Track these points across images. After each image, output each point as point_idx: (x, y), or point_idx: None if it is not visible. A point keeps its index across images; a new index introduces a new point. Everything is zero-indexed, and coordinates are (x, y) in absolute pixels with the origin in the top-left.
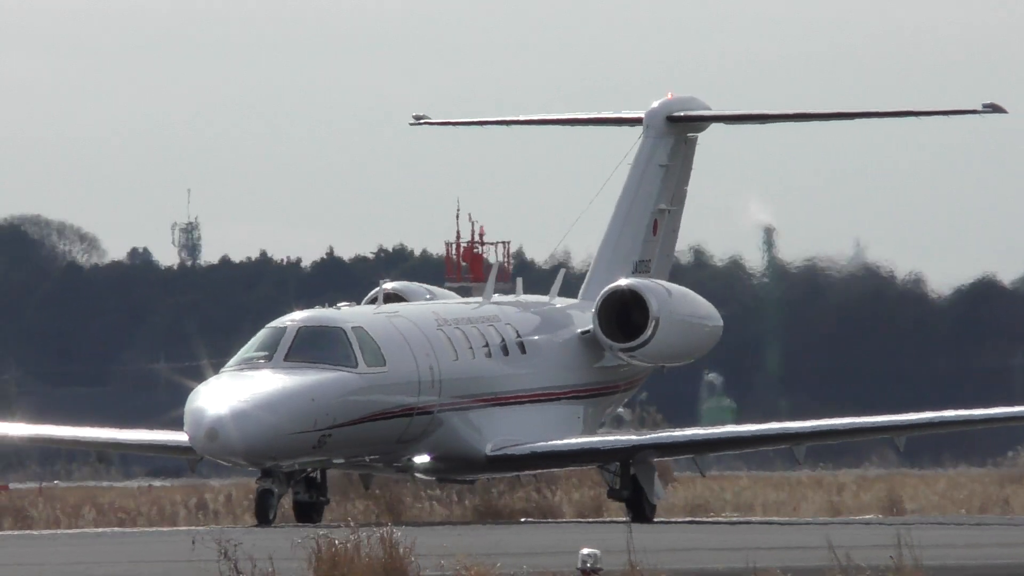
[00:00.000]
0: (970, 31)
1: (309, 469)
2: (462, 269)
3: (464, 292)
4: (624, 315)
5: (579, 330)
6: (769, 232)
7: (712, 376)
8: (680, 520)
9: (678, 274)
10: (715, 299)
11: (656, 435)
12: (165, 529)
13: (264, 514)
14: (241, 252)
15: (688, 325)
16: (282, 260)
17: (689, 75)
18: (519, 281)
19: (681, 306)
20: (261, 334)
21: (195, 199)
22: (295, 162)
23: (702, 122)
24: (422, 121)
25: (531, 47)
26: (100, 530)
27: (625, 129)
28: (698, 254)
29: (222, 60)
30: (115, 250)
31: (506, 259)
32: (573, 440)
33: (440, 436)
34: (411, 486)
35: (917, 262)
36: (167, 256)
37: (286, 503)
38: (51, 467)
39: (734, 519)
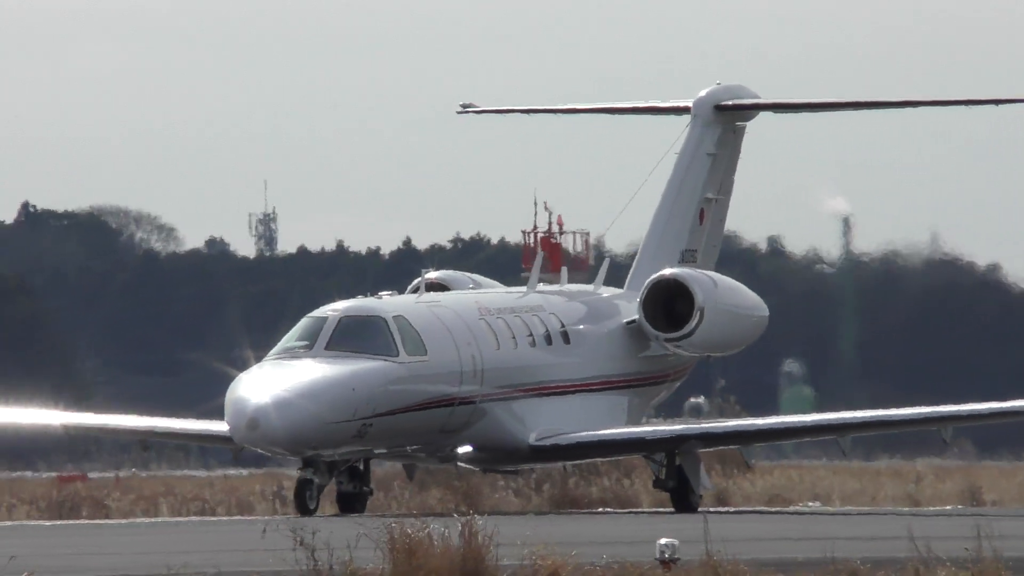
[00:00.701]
0: None
1: (352, 459)
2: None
3: (542, 282)
4: (669, 305)
5: (624, 320)
6: (846, 222)
7: (791, 365)
8: (758, 509)
9: (753, 263)
10: (791, 289)
11: (701, 425)
12: (242, 518)
13: (304, 504)
14: (318, 242)
15: (733, 315)
16: (359, 250)
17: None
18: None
19: (726, 296)
20: (302, 323)
21: (272, 190)
22: (370, 153)
23: (750, 111)
24: (469, 109)
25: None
26: (177, 519)
27: (672, 118)
28: (774, 243)
29: (294, 53)
30: (192, 240)
31: (585, 249)
32: (618, 430)
33: (483, 426)
34: (488, 476)
35: (995, 252)
36: (244, 246)
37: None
38: (127, 456)
39: (813, 508)
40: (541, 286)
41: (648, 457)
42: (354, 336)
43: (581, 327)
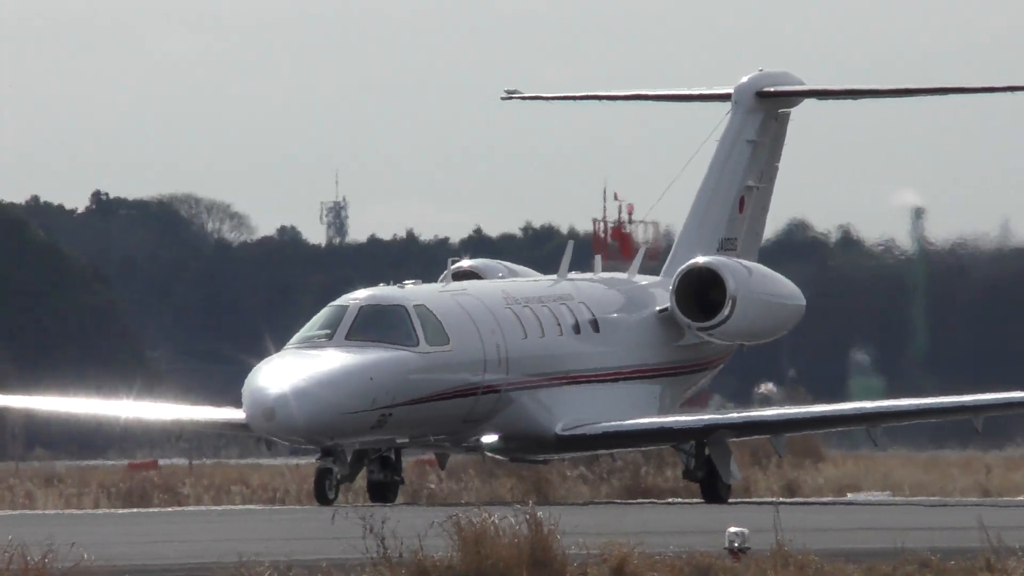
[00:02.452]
0: None
1: (383, 448)
2: (610, 247)
3: (612, 270)
4: (703, 293)
5: (657, 308)
6: (916, 211)
7: (859, 355)
8: (828, 500)
9: (826, 255)
10: (863, 279)
11: (730, 415)
12: (312, 507)
13: (323, 493)
14: (388, 231)
15: (767, 304)
16: (429, 239)
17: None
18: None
19: (760, 284)
20: (323, 312)
21: (342, 179)
22: (441, 141)
23: (793, 97)
24: (514, 95)
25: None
26: (248, 507)
27: (714, 105)
28: (845, 234)
29: (365, 43)
30: (264, 228)
31: (656, 238)
32: (646, 419)
33: (508, 415)
34: (557, 465)
35: None
36: (315, 234)
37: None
38: (198, 444)
39: (882, 499)
40: (572, 274)
41: (677, 447)
42: (374, 325)
43: (611, 316)
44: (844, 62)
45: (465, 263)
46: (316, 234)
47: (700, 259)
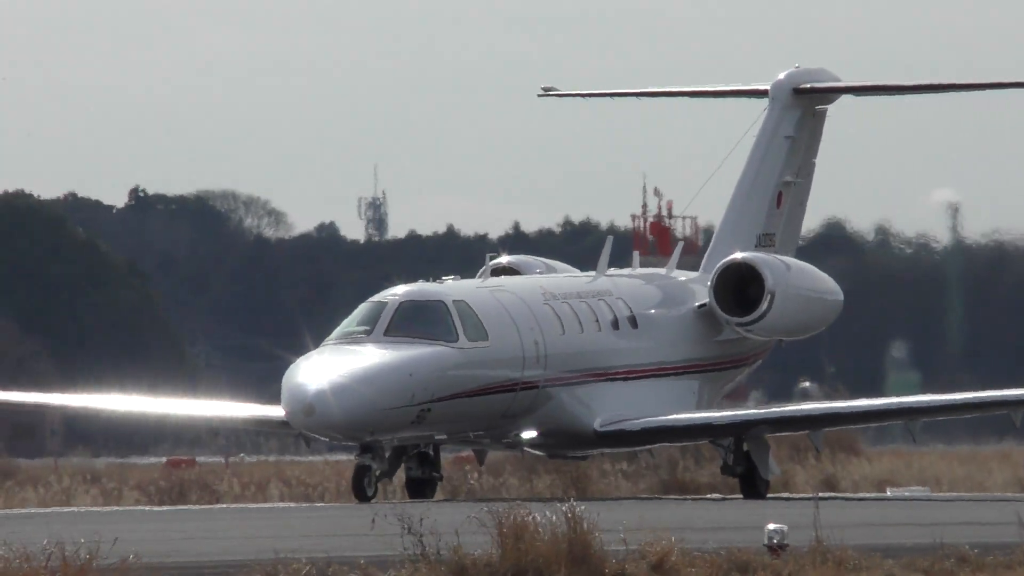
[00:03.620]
0: None
1: (420, 444)
2: (649, 243)
3: (651, 266)
4: (741, 289)
5: (696, 304)
6: (953, 207)
7: (897, 350)
8: (867, 496)
9: (862, 251)
10: (900, 274)
11: (768, 410)
12: (350, 504)
13: (361, 490)
14: (428, 226)
15: (806, 299)
16: (468, 235)
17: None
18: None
19: (799, 280)
20: (362, 308)
21: (381, 174)
22: (479, 137)
23: (830, 94)
24: (551, 92)
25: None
26: (286, 505)
27: (750, 101)
28: (882, 230)
29: (403, 38)
30: (302, 224)
31: (695, 233)
32: (684, 415)
33: (547, 411)
34: (598, 461)
35: None
36: (354, 230)
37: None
38: (236, 441)
39: (920, 494)
40: (611, 270)
41: (715, 443)
42: (414, 321)
43: (650, 311)
44: (881, 58)
45: (504, 259)
46: (355, 230)
47: (738, 254)
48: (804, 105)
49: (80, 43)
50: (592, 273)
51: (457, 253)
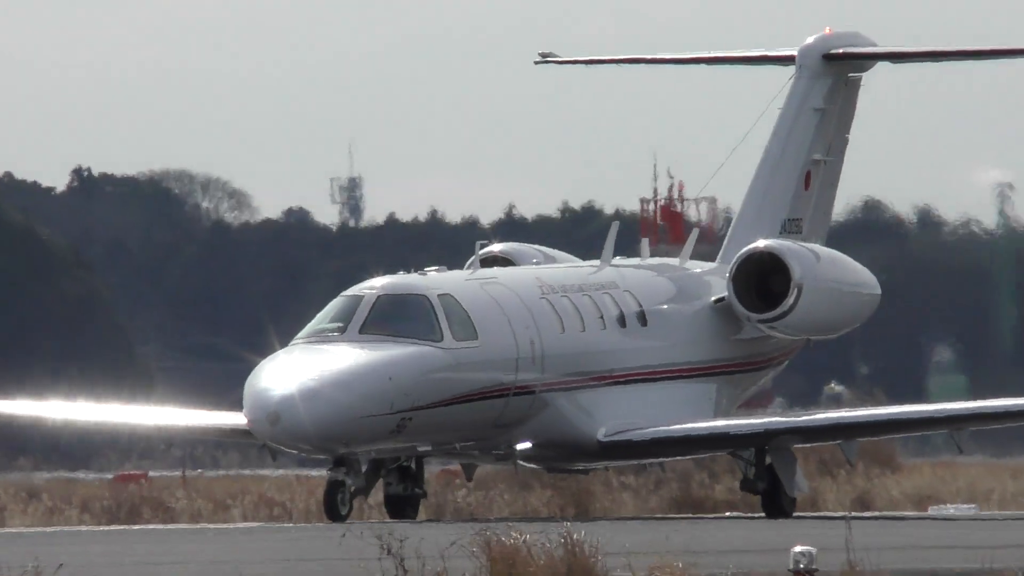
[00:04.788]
0: None
1: (402, 457)
2: (659, 229)
3: (662, 255)
4: (765, 281)
5: (713, 298)
6: (1003, 189)
7: (942, 352)
8: (906, 515)
9: (902, 238)
10: (944, 265)
11: (794, 418)
12: (323, 524)
13: (335, 508)
14: (409, 211)
15: (838, 293)
16: (455, 220)
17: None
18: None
19: (829, 271)
20: (335, 303)
21: (357, 152)
22: (468, 111)
23: (865, 60)
24: (549, 59)
25: None
26: (249, 525)
27: (775, 69)
28: (924, 214)
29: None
30: (268, 208)
31: (711, 218)
32: (699, 424)
33: (544, 419)
34: (602, 475)
35: None
36: (326, 215)
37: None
38: (193, 453)
39: (966, 512)
40: (617, 260)
41: (735, 454)
42: (393, 317)
43: (661, 307)
44: (922, 21)
45: (496, 247)
46: (327, 215)
47: (761, 242)
48: (836, 73)
49: (16, 6)
50: (596, 263)
51: (442, 241)
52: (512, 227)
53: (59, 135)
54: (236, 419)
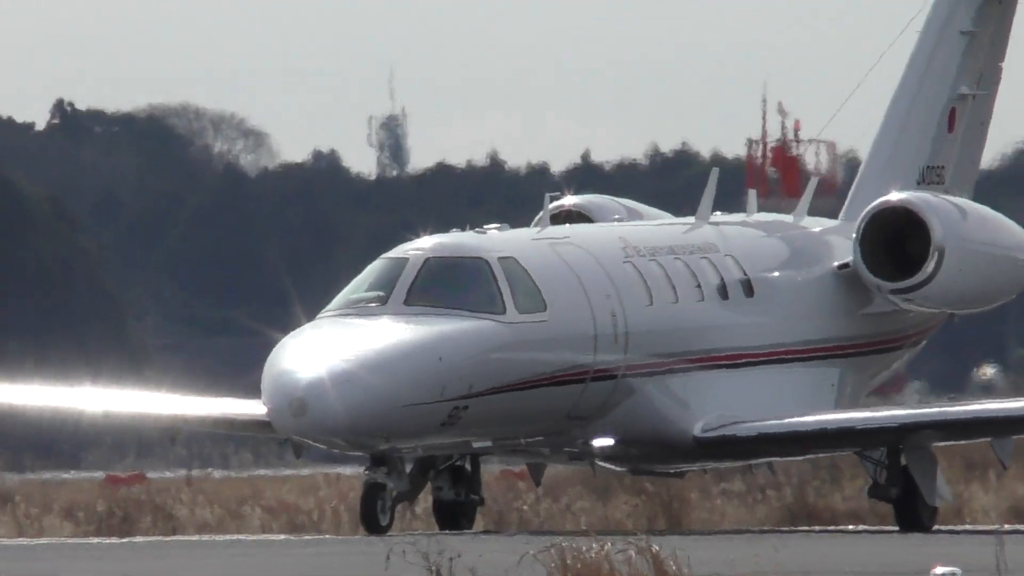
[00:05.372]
0: None
1: (456, 456)
2: (769, 179)
3: (773, 210)
4: (899, 243)
5: (836, 263)
6: None
7: None
8: None
9: None
10: None
11: (935, 409)
12: (357, 538)
13: (373, 517)
14: (462, 155)
15: (987, 257)
16: (520, 168)
17: None
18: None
19: (978, 231)
20: (374, 266)
21: (399, 85)
22: (532, 39)
23: None
24: None
25: None
26: (268, 537)
27: None
28: None
29: None
30: (291, 152)
31: (832, 165)
32: (818, 416)
33: (628, 410)
34: (699, 479)
35: None
36: (361, 160)
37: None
38: (200, 449)
39: None
40: (717, 216)
41: (862, 455)
42: (444, 285)
43: (771, 274)
44: None
45: (569, 200)
46: (363, 160)
47: (894, 196)
48: None
49: None
50: (691, 220)
51: (504, 192)
52: (588, 176)
53: (38, 62)
54: (252, 408)
